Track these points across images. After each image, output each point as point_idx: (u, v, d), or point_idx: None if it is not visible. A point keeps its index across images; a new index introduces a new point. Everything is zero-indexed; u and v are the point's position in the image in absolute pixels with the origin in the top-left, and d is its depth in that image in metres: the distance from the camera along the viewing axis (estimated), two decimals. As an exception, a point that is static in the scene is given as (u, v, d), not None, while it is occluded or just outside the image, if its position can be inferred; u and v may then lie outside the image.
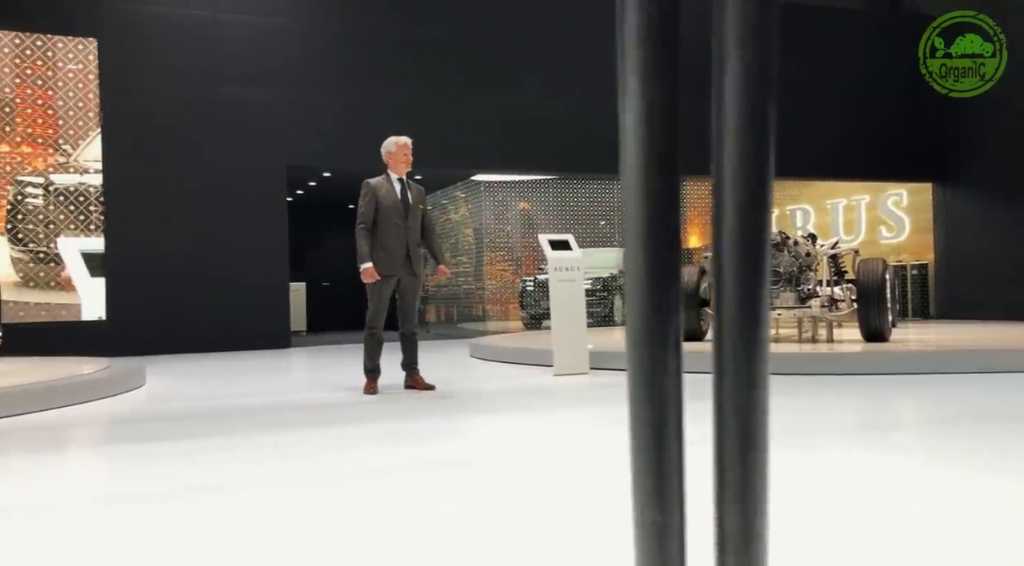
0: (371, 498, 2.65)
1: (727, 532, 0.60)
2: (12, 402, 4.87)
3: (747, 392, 0.59)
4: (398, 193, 5.47)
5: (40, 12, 9.97)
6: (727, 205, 0.62)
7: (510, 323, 14.23)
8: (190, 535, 2.26)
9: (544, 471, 3.07)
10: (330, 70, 11.37)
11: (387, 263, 5.37)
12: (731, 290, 0.62)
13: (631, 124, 0.61)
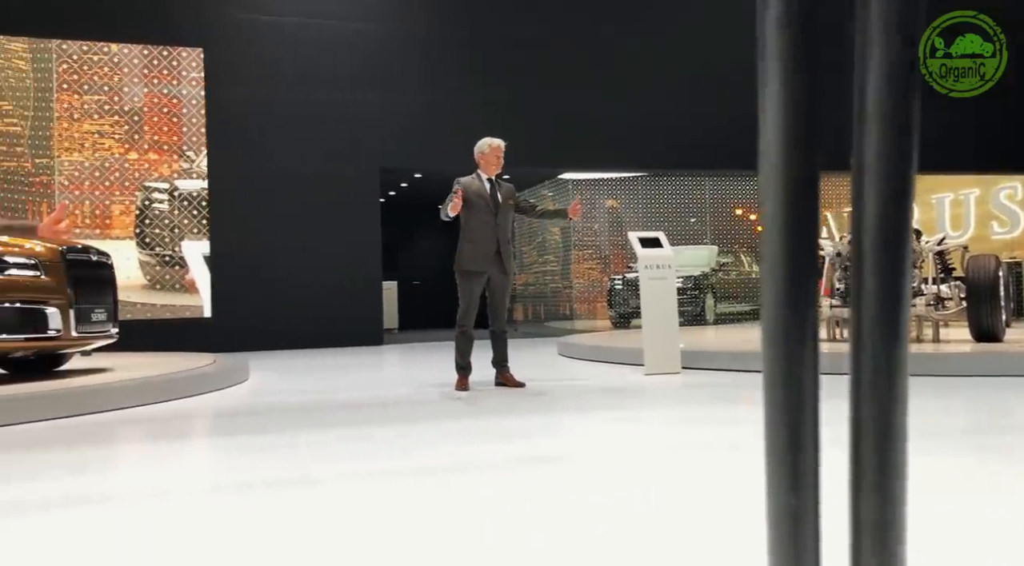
0: (462, 493, 2.69)
1: (863, 521, 0.59)
2: (128, 395, 5.15)
3: (886, 379, 0.57)
4: (488, 191, 5.53)
5: (149, 24, 10.50)
6: (868, 201, 0.60)
7: (598, 322, 14.17)
8: (291, 525, 2.35)
9: (634, 470, 3.05)
10: (419, 72, 11.57)
11: (477, 259, 5.44)
12: (871, 284, 0.61)
13: (771, 116, 0.60)
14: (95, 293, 5.61)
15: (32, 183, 10.16)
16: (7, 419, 4.37)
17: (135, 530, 2.36)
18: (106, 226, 10.44)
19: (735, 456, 3.19)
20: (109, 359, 7.05)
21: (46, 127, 10.22)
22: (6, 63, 10.06)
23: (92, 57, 10.36)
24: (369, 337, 11.26)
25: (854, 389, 0.63)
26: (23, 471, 3.33)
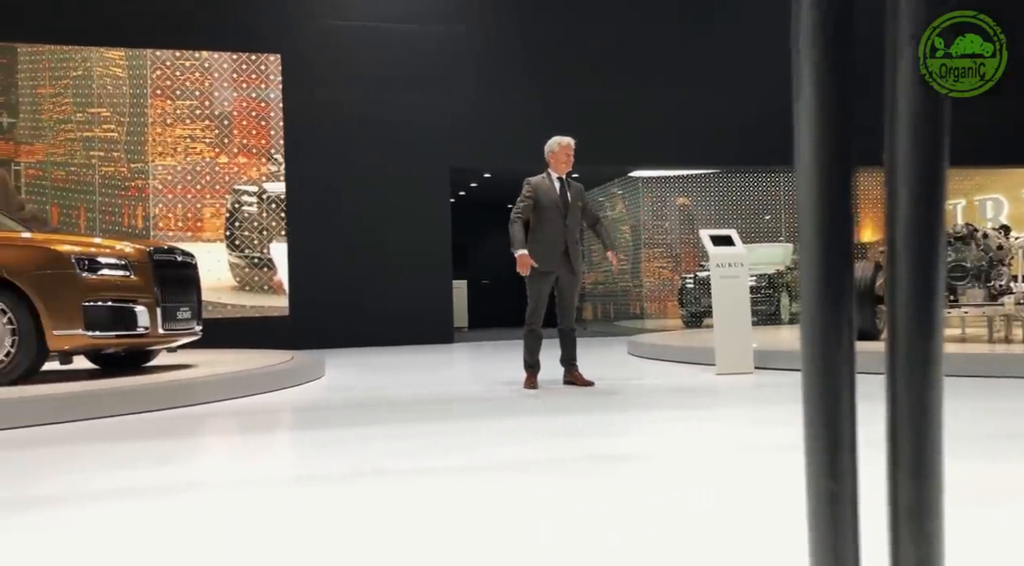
0: (529, 490, 2.73)
1: (900, 508, 0.59)
2: (212, 390, 5.37)
3: (921, 369, 0.58)
4: (558, 191, 5.56)
5: (230, 32, 10.88)
6: (900, 199, 0.61)
7: (668, 321, 14.02)
8: (363, 517, 2.42)
9: (704, 470, 3.03)
10: (489, 72, 11.67)
11: (545, 259, 5.47)
12: (904, 279, 0.62)
13: (805, 122, 0.61)
14: (180, 292, 5.86)
15: (128, 187, 10.59)
16: (99, 412, 4.61)
17: (215, 519, 2.48)
18: (197, 229, 10.78)
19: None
20: (193, 355, 7.35)
21: (141, 132, 10.64)
22: (104, 71, 10.52)
23: (184, 62, 10.74)
24: (440, 335, 11.42)
25: (890, 380, 0.64)
26: (113, 461, 3.51)
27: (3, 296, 4.95)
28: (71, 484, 3.02)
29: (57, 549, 2.14)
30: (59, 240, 5.38)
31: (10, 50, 10.25)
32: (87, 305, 5.09)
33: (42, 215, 8.94)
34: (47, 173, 10.38)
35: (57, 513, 2.54)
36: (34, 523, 2.41)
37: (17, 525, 2.40)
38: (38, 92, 10.35)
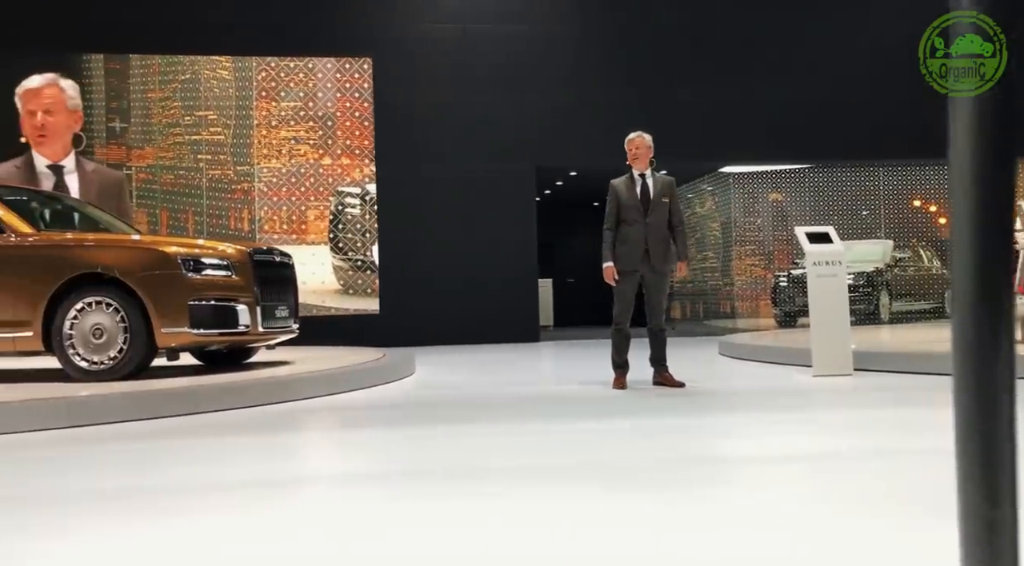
0: (615, 491, 2.69)
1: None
2: (308, 386, 5.53)
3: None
4: (637, 189, 5.49)
5: (322, 37, 11.18)
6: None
7: (761, 320, 13.66)
8: (454, 515, 2.44)
9: (800, 475, 2.93)
10: (574, 70, 11.63)
11: (626, 258, 5.43)
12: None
13: (961, 110, 0.57)
14: (278, 291, 6.06)
15: (234, 190, 10.90)
16: (204, 407, 4.81)
17: (311, 514, 2.54)
18: (302, 231, 10.95)
19: (911, 464, 2.99)
20: (289, 352, 7.58)
21: (246, 135, 10.94)
22: (211, 74, 10.89)
23: (288, 64, 11.00)
24: (526, 334, 11.46)
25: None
26: (217, 455, 3.66)
27: (116, 295, 5.22)
28: (182, 476, 3.15)
29: (167, 540, 2.24)
30: (166, 242, 5.65)
31: (123, 56, 10.74)
32: (192, 304, 5.31)
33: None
34: (157, 177, 10.78)
35: (170, 504, 2.66)
36: (146, 513, 2.53)
37: (128, 513, 2.52)
38: (148, 97, 10.77)
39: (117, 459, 3.56)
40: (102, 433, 4.16)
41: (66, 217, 6.40)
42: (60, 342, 5.19)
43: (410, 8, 11.47)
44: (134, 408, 4.57)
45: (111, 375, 5.18)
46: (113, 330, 5.21)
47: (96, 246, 5.46)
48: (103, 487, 2.98)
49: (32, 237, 5.40)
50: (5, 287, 5.24)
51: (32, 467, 3.44)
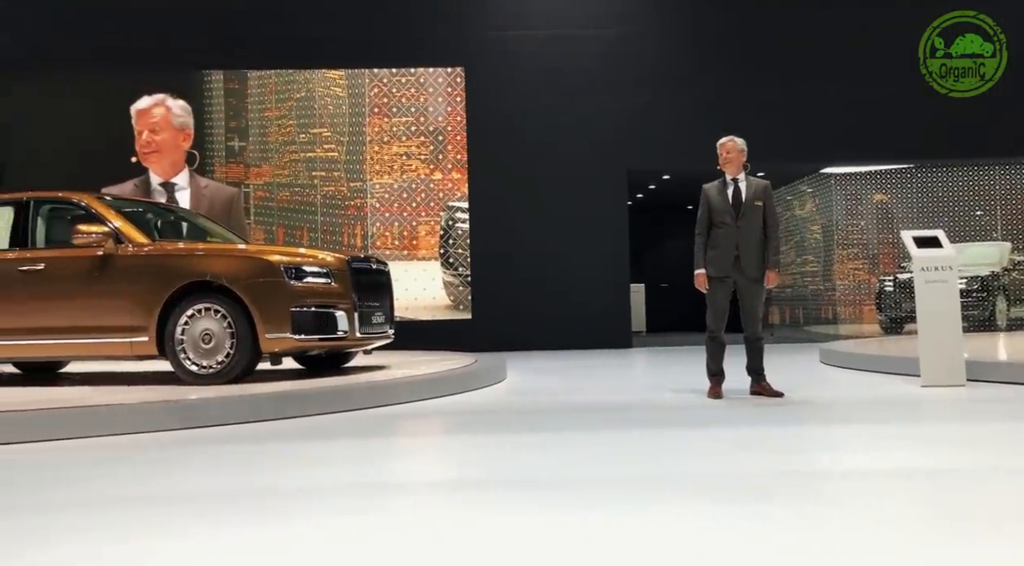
0: (713, 506, 2.63)
1: None
2: (404, 391, 5.66)
3: None
4: (729, 194, 5.37)
5: (415, 48, 11.40)
6: None
7: (865, 327, 13.11)
8: (543, 524, 2.44)
9: (905, 493, 2.79)
10: (667, 73, 11.48)
11: (717, 264, 5.33)
12: None
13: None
14: (375, 297, 6.22)
15: (347, 206, 11.11)
16: (304, 411, 4.98)
17: (406, 519, 2.59)
18: (413, 247, 11.05)
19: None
20: (385, 357, 7.76)
21: (359, 151, 11.14)
22: (325, 91, 11.22)
23: (400, 79, 11.21)
24: (618, 340, 11.36)
25: None
26: (318, 458, 3.78)
27: (223, 302, 5.47)
28: (286, 478, 3.27)
29: (274, 541, 2.33)
30: (270, 251, 5.88)
31: (241, 75, 11.21)
32: (294, 310, 5.51)
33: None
34: (273, 194, 11.13)
35: (276, 505, 2.77)
36: (254, 513, 2.64)
37: (236, 515, 2.63)
38: (265, 115, 11.18)
39: (226, 460, 3.73)
40: (210, 435, 4.36)
41: (178, 228, 6.76)
42: (172, 347, 5.48)
43: (500, 16, 11.57)
44: (240, 411, 4.77)
45: (219, 379, 5.43)
46: (221, 335, 5.46)
47: (205, 255, 5.74)
48: (213, 488, 3.12)
49: (148, 247, 5.73)
50: (123, 294, 5.57)
51: (147, 468, 3.63)
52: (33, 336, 5.73)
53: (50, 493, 3.11)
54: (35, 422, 4.28)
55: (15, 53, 11.03)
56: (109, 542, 2.35)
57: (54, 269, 5.74)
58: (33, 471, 3.57)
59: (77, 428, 4.31)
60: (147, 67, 10.84)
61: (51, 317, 5.69)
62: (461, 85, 11.27)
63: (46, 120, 10.99)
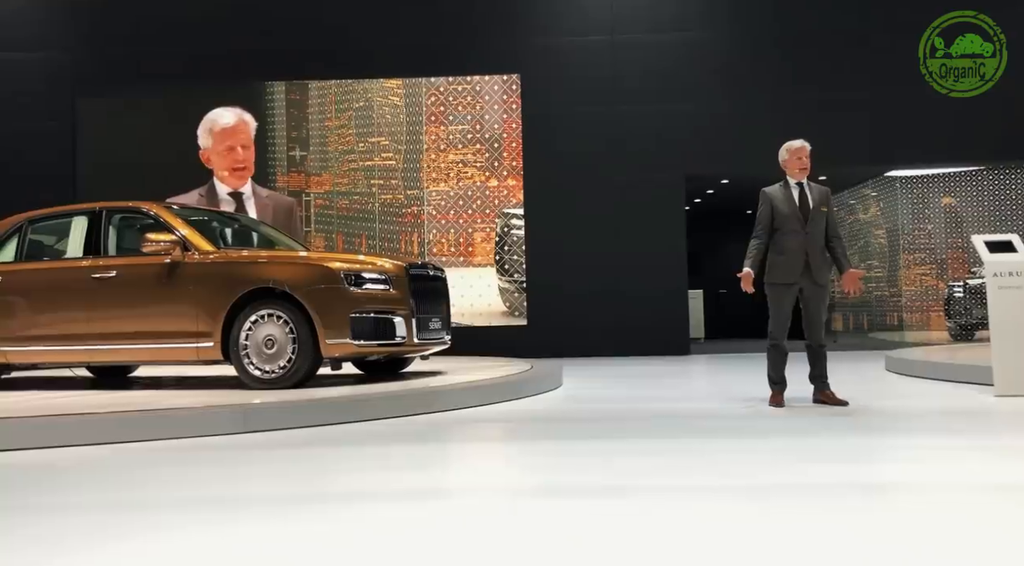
0: (775, 517, 2.58)
1: None
2: (460, 397, 5.69)
3: None
4: (796, 199, 5.26)
5: (471, 57, 11.49)
6: None
7: (932, 333, 12.70)
8: (600, 534, 2.42)
9: (986, 507, 2.69)
10: (724, 76, 11.34)
11: (785, 270, 5.21)
12: None
13: None
14: (432, 304, 6.28)
15: (404, 214, 11.25)
16: (363, 415, 5.05)
17: (462, 525, 2.60)
18: (468, 254, 11.13)
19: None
20: (442, 363, 7.82)
21: (416, 159, 11.26)
22: (383, 101, 11.39)
23: (456, 87, 11.32)
24: (675, 346, 11.23)
25: None
26: (378, 463, 3.82)
27: (285, 308, 5.59)
28: (347, 482, 3.32)
29: (329, 544, 2.36)
30: (330, 258, 5.99)
31: (302, 87, 11.47)
32: (354, 316, 5.60)
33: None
34: (333, 203, 11.34)
35: (339, 508, 2.81)
36: (313, 517, 2.69)
37: (298, 519, 2.68)
38: (326, 125, 11.40)
39: (288, 464, 3.80)
40: (273, 439, 4.45)
41: (242, 235, 6.94)
42: (236, 352, 5.61)
43: (556, 22, 11.57)
44: (301, 416, 4.86)
45: (281, 384, 5.55)
46: (283, 341, 5.58)
47: (268, 262, 5.88)
48: (277, 492, 3.19)
49: (213, 254, 5.89)
50: (190, 300, 5.74)
51: (213, 470, 3.73)
52: (106, 341, 5.95)
53: (122, 493, 3.22)
54: (106, 425, 4.43)
55: (87, 71, 11.48)
56: (182, 541, 2.42)
57: (125, 276, 5.95)
58: (105, 472, 3.70)
59: (146, 431, 4.45)
60: (212, 81, 11.17)
61: (122, 323, 5.90)
62: (517, 92, 11.31)
63: (117, 133, 11.41)
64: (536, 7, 11.65)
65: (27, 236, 6.43)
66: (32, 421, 4.38)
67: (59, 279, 6.13)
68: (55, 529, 2.63)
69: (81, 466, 3.84)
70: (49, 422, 4.37)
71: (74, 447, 4.24)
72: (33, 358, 6.24)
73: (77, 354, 6.13)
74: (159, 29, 11.43)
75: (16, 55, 11.45)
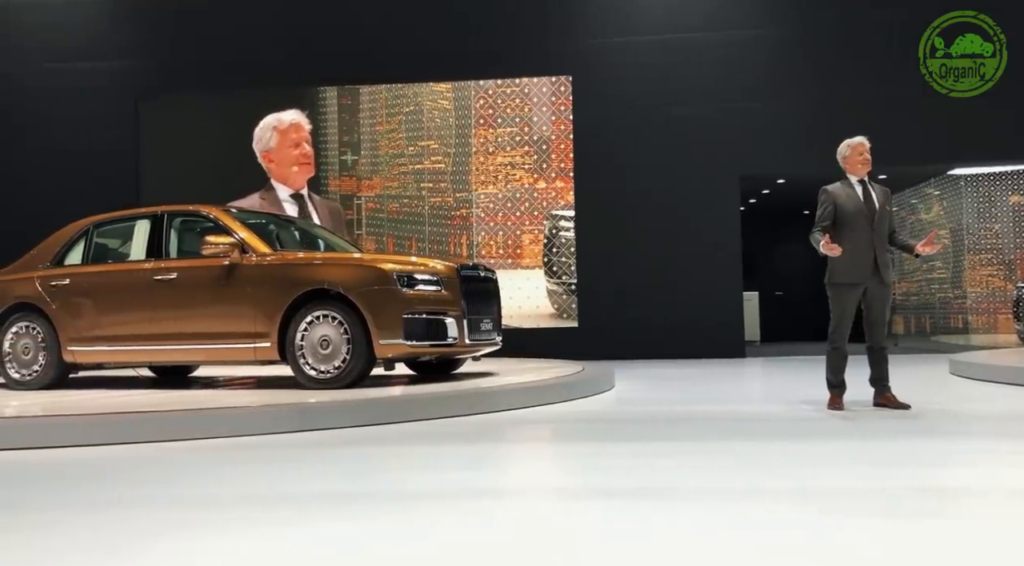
0: (833, 521, 2.51)
1: None
2: (511, 398, 5.68)
3: None
4: (860, 197, 5.12)
5: (523, 59, 11.49)
6: None
7: (1000, 336, 12.26)
8: (647, 536, 2.39)
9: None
10: (781, 75, 11.14)
11: (852, 271, 5.06)
12: None
13: None
14: (483, 305, 6.29)
15: (453, 216, 11.31)
16: (415, 415, 5.08)
17: (512, 525, 2.60)
18: (517, 256, 11.12)
19: None
20: (493, 364, 7.83)
21: (465, 162, 11.30)
22: (433, 104, 11.48)
23: (505, 90, 11.33)
24: (730, 349, 11.06)
25: None
26: (428, 463, 3.85)
27: (340, 309, 5.66)
28: (399, 481, 3.35)
29: (380, 541, 2.38)
30: (383, 259, 6.05)
31: (353, 91, 11.63)
32: (406, 317, 5.64)
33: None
34: (383, 206, 11.47)
35: (392, 508, 2.84)
36: (362, 515, 2.71)
37: (348, 516, 2.71)
38: (376, 129, 11.54)
39: (343, 463, 3.85)
40: (327, 438, 4.51)
41: (297, 238, 7.06)
42: (293, 352, 5.71)
43: (607, 24, 11.51)
44: (356, 415, 4.92)
45: (336, 383, 5.62)
46: (337, 341, 5.65)
47: (323, 264, 5.97)
48: (332, 489, 3.23)
49: (270, 257, 6.00)
50: (248, 302, 5.85)
51: (271, 468, 3.80)
52: (167, 341, 6.11)
53: (188, 489, 3.30)
54: (168, 423, 4.55)
55: (148, 79, 11.83)
56: (244, 536, 2.47)
57: (185, 278, 6.10)
58: (171, 469, 3.79)
59: (207, 429, 4.55)
60: (267, 86, 11.39)
61: (183, 323, 6.04)
62: (565, 94, 11.28)
63: (177, 138, 11.73)
64: (588, 8, 11.61)
65: (93, 240, 6.64)
66: (99, 419, 4.52)
67: (123, 281, 6.31)
68: (127, 525, 2.70)
69: (147, 463, 3.94)
70: (115, 420, 4.51)
71: (137, 444, 4.36)
72: (99, 358, 6.44)
73: (140, 354, 6.31)
74: (217, 38, 11.71)
75: (81, 65, 11.85)
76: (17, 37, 11.93)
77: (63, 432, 4.37)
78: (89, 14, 11.99)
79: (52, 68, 11.84)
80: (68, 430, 4.39)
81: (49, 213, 8.80)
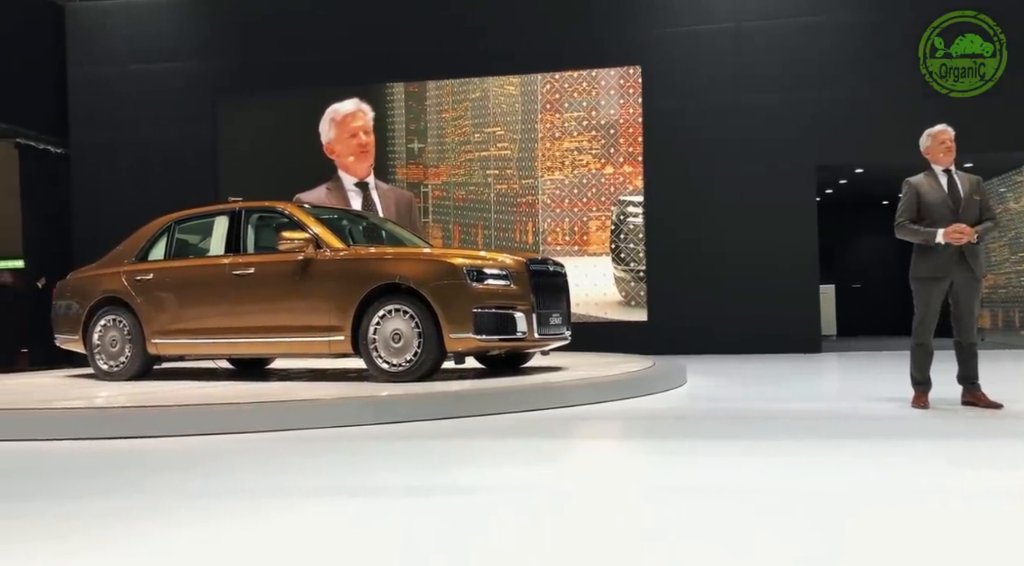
0: (918, 525, 2.40)
1: None
2: (580, 393, 5.65)
3: None
4: (945, 187, 4.91)
5: (590, 49, 11.36)
6: None
7: (1097, 332, 11.61)
8: (719, 534, 2.33)
9: None
10: (859, 63, 10.75)
11: (936, 264, 4.85)
12: None
13: None
14: (552, 299, 6.27)
15: (519, 203, 11.31)
16: (485, 410, 5.10)
17: (577, 520, 2.57)
18: (583, 242, 11.03)
19: None
20: (562, 359, 7.80)
21: (531, 148, 11.27)
22: (499, 91, 11.48)
23: (572, 74, 11.30)
24: (805, 344, 10.76)
25: None
26: (496, 458, 3.85)
27: (411, 303, 5.72)
28: (467, 475, 3.37)
29: (452, 534, 2.39)
30: (453, 254, 6.08)
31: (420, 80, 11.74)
32: (476, 311, 5.67)
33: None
34: (450, 193, 11.54)
35: (460, 502, 2.85)
36: (436, 508, 2.73)
37: (422, 509, 2.73)
38: (443, 117, 11.61)
39: (416, 457, 3.89)
40: (400, 431, 4.56)
41: (368, 232, 7.16)
42: (366, 345, 5.79)
43: (677, 12, 11.30)
44: (427, 408, 4.97)
45: (408, 377, 5.68)
46: (409, 335, 5.71)
47: (394, 259, 6.04)
48: (406, 482, 3.26)
49: (343, 251, 6.10)
50: (322, 296, 5.97)
51: (346, 460, 3.86)
52: (246, 335, 6.27)
53: (262, 480, 3.38)
54: (247, 414, 4.68)
55: (225, 77, 12.16)
56: (319, 527, 2.51)
57: (262, 273, 6.25)
58: (251, 459, 3.90)
59: (284, 421, 4.66)
60: (339, 82, 11.56)
61: (260, 317, 6.20)
62: (634, 77, 11.12)
63: (253, 134, 12.03)
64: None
65: (174, 236, 6.86)
66: (182, 410, 4.68)
67: (203, 276, 6.51)
68: (208, 513, 2.78)
69: (227, 454, 4.06)
70: (196, 412, 4.66)
71: (215, 435, 4.49)
72: (180, 350, 6.66)
73: (219, 347, 6.50)
74: (288, 36, 11.95)
75: (159, 66, 12.25)
76: (106, 40, 12.40)
77: (149, 423, 4.54)
78: (170, 17, 12.39)
79: (137, 70, 12.28)
80: (154, 420, 4.56)
81: (134, 211, 9.16)
